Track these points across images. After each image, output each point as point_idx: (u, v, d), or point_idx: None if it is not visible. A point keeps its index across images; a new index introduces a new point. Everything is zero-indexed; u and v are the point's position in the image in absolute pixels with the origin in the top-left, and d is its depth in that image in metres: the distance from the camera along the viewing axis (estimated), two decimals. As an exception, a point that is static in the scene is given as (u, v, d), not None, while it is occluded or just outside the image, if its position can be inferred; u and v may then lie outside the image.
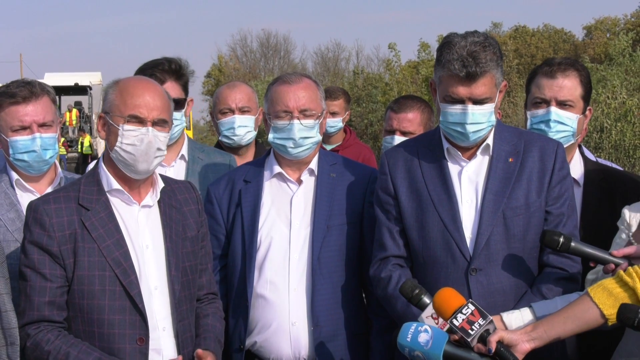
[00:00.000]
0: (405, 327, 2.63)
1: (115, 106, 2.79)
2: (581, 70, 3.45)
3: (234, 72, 49.48)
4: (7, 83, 3.41)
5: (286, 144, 3.27)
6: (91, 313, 2.70)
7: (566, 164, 3.06)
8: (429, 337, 2.57)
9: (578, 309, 2.56)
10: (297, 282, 3.23)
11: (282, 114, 3.27)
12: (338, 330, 3.26)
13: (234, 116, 4.37)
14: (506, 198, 2.95)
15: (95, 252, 2.70)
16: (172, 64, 3.85)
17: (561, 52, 40.43)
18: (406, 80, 24.95)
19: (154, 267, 2.82)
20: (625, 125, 14.25)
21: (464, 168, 3.04)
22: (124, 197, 2.84)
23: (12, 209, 3.33)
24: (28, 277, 2.68)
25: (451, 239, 2.97)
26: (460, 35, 2.94)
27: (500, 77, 2.96)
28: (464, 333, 2.56)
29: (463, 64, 2.85)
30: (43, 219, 2.67)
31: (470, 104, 2.91)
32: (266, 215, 3.30)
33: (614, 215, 3.16)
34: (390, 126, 4.11)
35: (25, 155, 3.32)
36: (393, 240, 3.11)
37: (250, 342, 3.28)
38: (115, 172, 2.82)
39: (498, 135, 3.06)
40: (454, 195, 3.00)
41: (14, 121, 3.30)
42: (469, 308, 2.59)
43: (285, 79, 3.33)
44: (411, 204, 3.07)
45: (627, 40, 18.93)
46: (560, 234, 2.82)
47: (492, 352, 2.53)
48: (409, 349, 2.60)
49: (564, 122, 3.37)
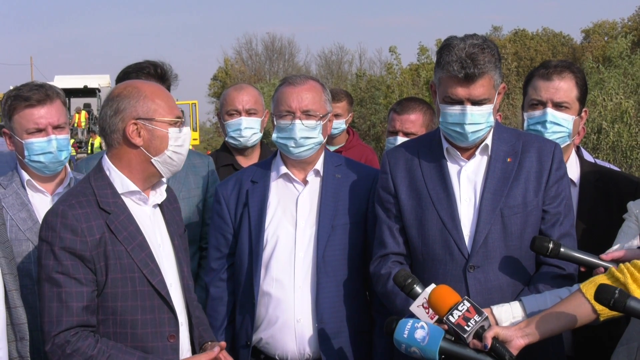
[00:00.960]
0: (402, 323, 2.65)
1: (158, 111, 2.77)
2: (577, 72, 3.50)
3: (240, 75, 49.39)
4: (18, 86, 3.45)
5: (288, 144, 3.32)
6: (124, 314, 2.70)
7: (563, 164, 3.10)
8: (426, 333, 2.60)
9: (570, 305, 2.59)
10: (302, 280, 3.27)
11: (285, 114, 3.32)
12: (342, 327, 3.30)
13: (240, 118, 4.42)
14: (504, 197, 2.99)
15: (124, 254, 2.70)
16: (157, 68, 3.88)
17: (560, 55, 40.38)
18: (407, 83, 24.98)
19: (168, 265, 2.86)
20: (622, 127, 14.29)
21: (463, 167, 3.08)
22: (137, 197, 2.84)
23: (23, 208, 3.38)
24: (63, 283, 2.62)
25: (449, 236, 3.00)
26: (459, 38, 2.99)
27: (498, 79, 3.00)
28: (460, 329, 2.59)
29: (462, 65, 2.90)
30: (74, 224, 2.64)
31: (469, 104, 2.95)
32: (272, 214, 3.35)
33: (610, 214, 3.22)
34: (393, 127, 4.15)
35: (41, 156, 3.38)
36: (393, 237, 3.15)
37: (257, 339, 3.33)
38: (130, 174, 2.80)
39: (497, 135, 3.10)
40: (453, 194, 3.04)
41: (30, 124, 3.35)
42: (464, 305, 2.61)
43: (290, 81, 3.38)
44: (411, 203, 3.11)
45: (626, 43, 18.98)
46: (549, 239, 2.86)
47: (488, 347, 2.56)
48: (406, 345, 2.62)
49: (559, 123, 3.42)
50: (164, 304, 2.77)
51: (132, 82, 2.86)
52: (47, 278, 2.64)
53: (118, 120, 2.75)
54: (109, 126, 2.78)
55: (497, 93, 3.03)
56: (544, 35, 47.81)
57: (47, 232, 2.66)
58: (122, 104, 2.76)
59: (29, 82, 3.50)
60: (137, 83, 2.85)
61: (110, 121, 2.77)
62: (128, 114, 2.75)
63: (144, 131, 2.76)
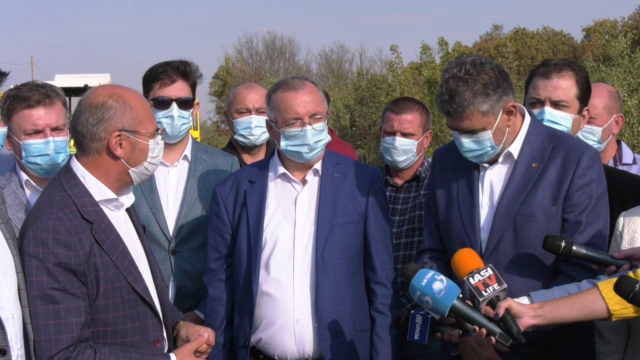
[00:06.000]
0: (422, 272, 2.70)
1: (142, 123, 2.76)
2: (578, 71, 3.48)
3: (241, 74, 49.42)
4: (18, 86, 3.42)
5: (301, 150, 3.30)
6: (115, 325, 2.68)
7: (591, 170, 2.99)
8: (443, 287, 2.65)
9: (586, 298, 2.61)
10: (301, 279, 3.27)
11: (293, 121, 3.28)
12: (341, 326, 3.30)
13: (251, 116, 4.42)
14: (518, 205, 2.99)
15: (110, 264, 2.67)
16: (185, 65, 3.92)
17: (560, 53, 40.39)
18: (408, 81, 24.98)
19: (143, 268, 2.83)
20: (624, 126, 14.29)
21: (487, 171, 3.11)
22: (113, 204, 2.80)
23: (22, 208, 3.36)
24: (60, 300, 2.56)
25: (467, 239, 3.07)
26: (451, 64, 2.93)
27: (495, 104, 2.89)
28: (478, 293, 2.65)
29: (441, 101, 2.90)
30: (67, 239, 2.57)
31: (460, 134, 2.96)
32: (271, 214, 3.35)
33: (612, 214, 3.21)
34: (391, 127, 4.14)
35: (38, 158, 3.35)
36: (431, 234, 3.29)
37: (256, 339, 3.32)
38: (106, 181, 2.76)
39: (528, 138, 3.07)
40: (477, 197, 3.08)
41: (28, 125, 3.33)
42: (487, 272, 2.68)
43: (289, 85, 3.33)
44: (442, 200, 3.20)
45: (626, 42, 19.00)
46: (561, 238, 2.87)
47: (499, 316, 2.60)
48: (421, 293, 2.67)
49: (557, 122, 3.41)
50: (148, 309, 2.77)
51: (116, 90, 2.77)
52: (41, 295, 2.56)
53: (101, 129, 2.70)
54: (89, 134, 2.70)
55: (503, 113, 2.95)
56: (545, 33, 47.84)
57: (37, 247, 2.56)
58: (108, 113, 2.70)
59: (30, 82, 3.47)
60: (121, 91, 2.77)
61: (93, 129, 2.70)
62: (113, 125, 2.70)
63: (126, 143, 2.72)
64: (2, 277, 2.52)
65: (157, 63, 3.96)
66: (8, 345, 2.49)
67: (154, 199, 3.79)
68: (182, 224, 3.81)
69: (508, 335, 2.61)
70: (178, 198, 3.87)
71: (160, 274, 2.96)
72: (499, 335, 2.62)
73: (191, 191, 3.86)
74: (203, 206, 3.83)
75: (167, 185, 3.88)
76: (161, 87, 3.85)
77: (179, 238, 3.80)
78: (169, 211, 3.83)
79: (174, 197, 3.87)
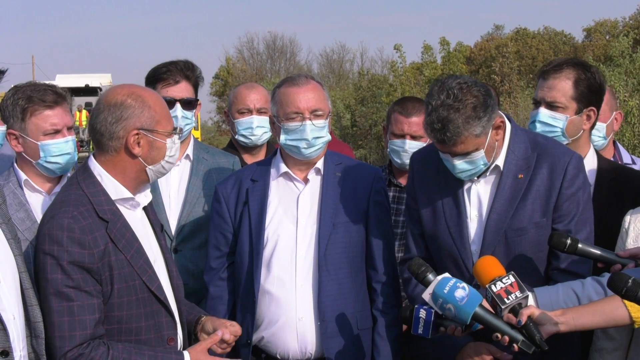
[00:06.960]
0: (444, 279, 2.70)
1: (160, 123, 2.77)
2: (582, 71, 3.40)
3: (242, 74, 49.42)
4: (20, 86, 3.39)
5: (299, 145, 3.30)
6: (129, 322, 2.70)
7: (577, 179, 3.01)
8: (466, 294, 2.65)
9: (608, 305, 2.61)
10: (303, 278, 3.27)
11: (293, 115, 3.29)
12: (343, 325, 3.30)
13: (252, 116, 4.43)
14: (509, 219, 2.99)
15: (125, 263, 2.69)
16: (188, 66, 3.95)
17: (561, 53, 40.33)
18: (409, 81, 25.00)
19: (159, 267, 2.85)
20: (625, 126, 14.30)
21: (474, 184, 3.09)
22: (130, 203, 2.82)
23: (21, 208, 3.34)
24: (74, 297, 2.59)
25: (457, 252, 3.06)
26: (437, 89, 2.85)
27: (487, 125, 2.87)
28: (500, 300, 2.63)
29: (433, 130, 2.84)
30: (82, 238, 2.60)
31: (453, 157, 2.93)
32: (273, 213, 3.35)
33: (623, 214, 3.19)
34: (400, 130, 4.04)
35: (59, 158, 3.36)
36: (415, 242, 3.26)
37: (258, 337, 3.33)
38: (123, 180, 2.78)
39: (511, 148, 3.05)
40: (464, 211, 3.07)
41: (47, 125, 3.33)
42: (509, 279, 2.67)
43: (293, 81, 3.35)
44: (427, 213, 3.17)
45: (628, 42, 19.01)
46: (567, 235, 2.87)
47: (522, 324, 2.59)
48: (443, 300, 2.67)
49: (548, 123, 3.39)
50: (162, 307, 2.78)
51: (135, 89, 2.80)
52: (55, 292, 2.59)
53: (120, 128, 2.72)
54: (108, 132, 2.72)
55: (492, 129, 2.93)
56: (546, 34, 47.77)
57: (52, 245, 2.60)
58: (127, 112, 2.72)
59: (31, 82, 3.46)
60: (140, 91, 2.80)
61: (111, 128, 2.72)
62: (131, 124, 2.72)
63: (144, 141, 2.74)
64: (3, 278, 2.53)
65: (161, 63, 3.98)
66: (11, 346, 2.49)
67: (156, 197, 3.79)
68: (184, 223, 3.84)
69: (531, 343, 2.60)
70: (180, 197, 3.89)
71: (176, 272, 2.97)
72: (521, 343, 2.61)
73: (193, 190, 3.88)
74: (205, 205, 3.84)
75: (169, 184, 3.90)
76: (165, 88, 3.88)
77: (181, 236, 3.82)
78: (171, 210, 3.86)
79: (176, 196, 3.90)
